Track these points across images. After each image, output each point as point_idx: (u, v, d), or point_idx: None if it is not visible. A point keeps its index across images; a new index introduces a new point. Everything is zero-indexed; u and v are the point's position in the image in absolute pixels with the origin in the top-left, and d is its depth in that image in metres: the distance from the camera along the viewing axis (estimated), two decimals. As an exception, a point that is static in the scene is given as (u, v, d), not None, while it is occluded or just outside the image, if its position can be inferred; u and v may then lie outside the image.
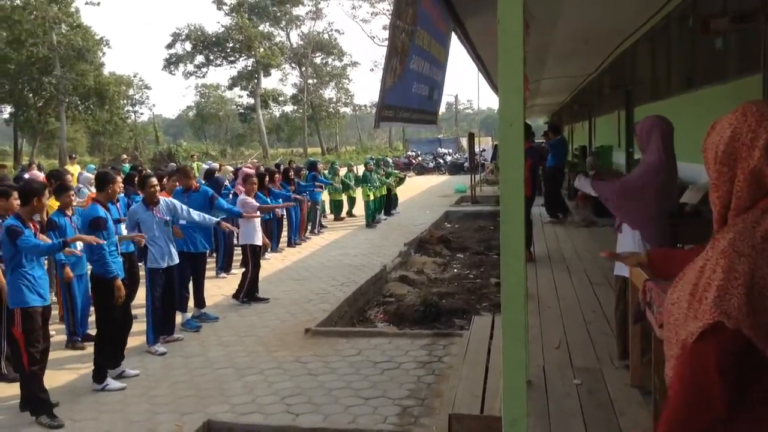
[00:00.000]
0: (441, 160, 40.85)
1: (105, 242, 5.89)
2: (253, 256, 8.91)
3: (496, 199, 20.97)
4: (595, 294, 7.14)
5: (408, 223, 16.85)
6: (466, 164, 30.94)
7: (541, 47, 11.32)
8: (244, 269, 9.04)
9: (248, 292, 8.91)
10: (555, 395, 4.41)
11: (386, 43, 3.14)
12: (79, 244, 6.25)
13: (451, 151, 45.19)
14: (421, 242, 14.09)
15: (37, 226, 5.63)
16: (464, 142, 37.72)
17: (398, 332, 7.57)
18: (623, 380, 4.53)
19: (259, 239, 9.07)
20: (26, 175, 13.01)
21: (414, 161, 40.44)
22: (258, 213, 9.09)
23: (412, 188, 25.73)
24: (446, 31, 5.58)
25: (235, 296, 8.97)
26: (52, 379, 5.83)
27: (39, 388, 5.29)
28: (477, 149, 26.69)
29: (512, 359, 2.38)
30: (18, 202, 6.00)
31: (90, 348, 6.57)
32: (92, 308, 6.87)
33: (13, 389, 6.00)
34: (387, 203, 18.47)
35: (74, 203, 7.50)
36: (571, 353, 5.27)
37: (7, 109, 48.79)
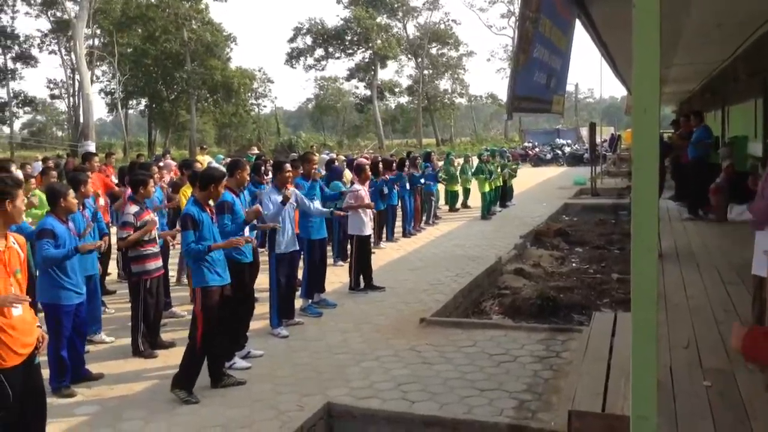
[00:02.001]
0: (559, 151, 39.72)
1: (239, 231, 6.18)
2: (359, 247, 9.05)
3: (618, 191, 20.34)
4: (727, 293, 6.72)
5: (524, 215, 16.56)
6: (586, 155, 29.99)
7: (671, 33, 10.74)
8: (349, 260, 9.23)
9: (358, 281, 9.08)
10: (683, 396, 4.20)
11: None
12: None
13: (570, 141, 43.84)
14: (538, 235, 13.80)
15: (213, 211, 5.89)
16: (584, 132, 36.57)
17: (514, 325, 7.47)
18: (758, 383, 4.26)
19: (367, 230, 9.22)
20: (161, 164, 13.85)
21: (531, 152, 39.60)
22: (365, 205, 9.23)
23: (528, 180, 25.24)
24: (570, 18, 5.42)
25: (351, 287, 9.17)
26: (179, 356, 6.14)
27: (197, 368, 5.58)
28: (598, 140, 25.75)
29: (642, 357, 2.30)
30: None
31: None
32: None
33: (150, 364, 6.46)
34: (502, 195, 18.23)
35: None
36: (701, 353, 5.01)
37: (143, 102, 52.28)
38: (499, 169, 17.46)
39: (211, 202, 5.94)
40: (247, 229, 6.51)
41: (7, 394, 3.78)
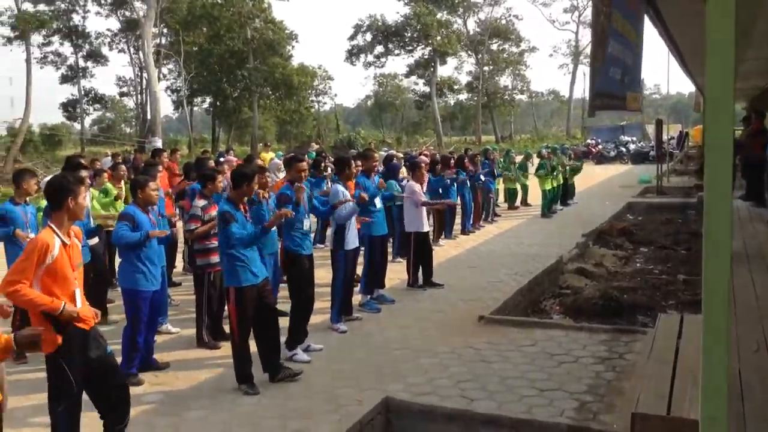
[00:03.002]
0: (623, 149, 38.72)
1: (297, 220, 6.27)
2: (417, 243, 9.05)
3: (686, 190, 19.73)
4: (801, 297, 6.45)
5: (586, 213, 16.25)
6: (652, 153, 29.17)
7: (745, 25, 10.34)
8: (407, 256, 9.25)
9: (416, 278, 9.09)
10: (753, 401, 4.06)
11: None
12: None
13: (634, 138, 42.67)
14: (601, 234, 13.52)
15: (247, 208, 6.00)
16: (650, 129, 35.55)
17: (575, 325, 7.35)
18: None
19: (424, 226, 9.21)
20: (222, 160, 14.16)
21: (593, 149, 38.72)
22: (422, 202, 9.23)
23: (591, 178, 24.72)
24: (639, 10, 5.29)
25: (409, 283, 9.18)
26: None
27: (244, 361, 5.70)
28: (665, 137, 25.02)
29: (713, 359, 2.23)
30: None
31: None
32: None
33: (214, 354, 6.63)
34: (564, 193, 17.93)
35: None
36: (772, 359, 4.82)
37: (207, 100, 53.48)
38: (559, 167, 17.16)
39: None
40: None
41: (70, 383, 3.96)
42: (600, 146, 39.94)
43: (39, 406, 4.18)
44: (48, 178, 7.29)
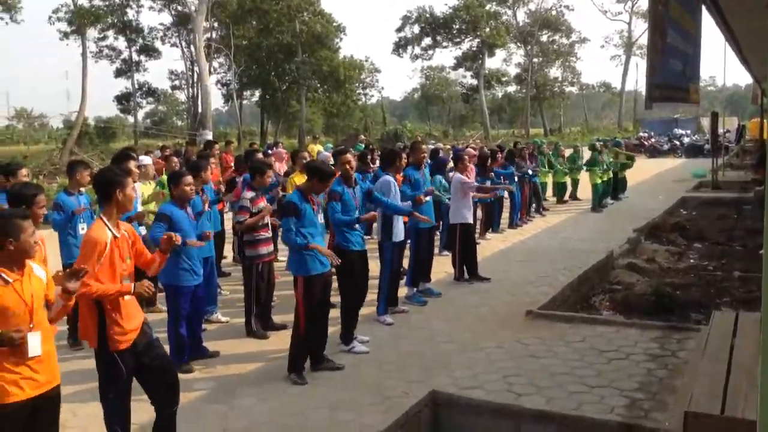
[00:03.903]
0: (677, 142, 37.73)
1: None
2: (463, 235, 8.99)
3: (742, 185, 19.11)
4: None
5: (637, 208, 15.90)
6: (707, 146, 28.36)
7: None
8: (454, 249, 9.21)
9: (463, 271, 9.04)
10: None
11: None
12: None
13: (688, 132, 41.54)
14: (653, 229, 13.21)
15: (315, 200, 6.00)
16: (705, 122, 34.58)
17: (626, 322, 7.20)
18: None
19: (470, 218, 9.15)
20: (270, 152, 14.32)
21: (646, 143, 37.85)
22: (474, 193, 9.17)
23: (643, 171, 24.15)
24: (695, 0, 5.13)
25: (456, 277, 9.15)
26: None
27: (303, 351, 5.77)
28: (720, 130, 24.29)
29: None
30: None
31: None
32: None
33: (263, 344, 6.72)
34: (615, 187, 17.58)
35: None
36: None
37: (256, 93, 54.13)
38: (611, 160, 16.81)
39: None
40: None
41: (121, 371, 4.07)
42: (653, 139, 39.02)
43: (94, 391, 4.29)
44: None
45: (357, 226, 6.42)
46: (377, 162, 11.35)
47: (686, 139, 38.23)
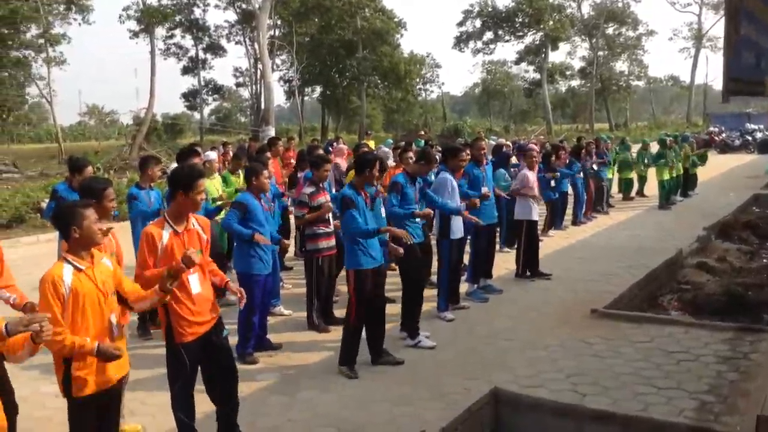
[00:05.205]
0: (749, 137, 36.23)
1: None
2: (529, 232, 8.87)
3: (820, 181, 18.22)
4: None
5: (708, 205, 15.38)
6: (782, 142, 27.13)
7: None
8: (517, 245, 9.09)
9: (528, 268, 8.92)
10: None
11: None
12: None
13: (762, 126, 39.84)
14: (724, 227, 12.71)
15: (368, 194, 6.02)
16: (780, 116, 33.09)
17: (696, 322, 6.97)
18: None
19: (535, 215, 9.03)
20: (330, 149, 14.42)
21: (716, 138, 36.50)
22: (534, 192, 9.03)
23: (713, 168, 23.33)
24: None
25: (518, 274, 9.04)
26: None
27: (354, 344, 5.82)
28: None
29: None
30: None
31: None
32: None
33: (324, 338, 6.79)
34: (685, 183, 17.03)
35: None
36: None
37: (317, 89, 54.71)
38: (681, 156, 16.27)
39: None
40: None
41: (185, 363, 4.16)
42: (723, 134, 37.60)
43: (164, 380, 4.43)
44: (174, 165, 7.72)
45: (417, 219, 6.43)
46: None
47: (759, 135, 36.65)
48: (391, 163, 10.61)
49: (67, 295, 3.39)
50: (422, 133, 27.87)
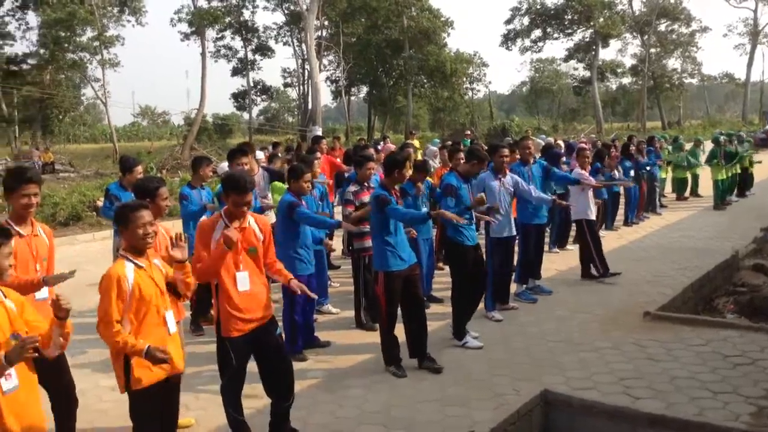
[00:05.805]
0: (808, 135, 34.95)
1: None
2: (590, 230, 8.74)
3: None
4: None
5: (764, 206, 14.90)
6: None
7: None
8: (579, 245, 8.95)
9: (591, 267, 8.77)
10: None
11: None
12: None
13: (822, 124, 38.47)
14: (783, 228, 12.34)
15: (398, 194, 6.06)
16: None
17: (753, 326, 6.77)
18: None
19: (592, 213, 8.88)
20: (378, 147, 14.47)
21: (774, 137, 35.31)
22: (594, 182, 8.88)
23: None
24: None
25: (584, 275, 8.86)
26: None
27: (392, 343, 5.83)
28: None
29: None
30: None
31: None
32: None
33: (372, 336, 6.80)
34: (741, 183, 16.54)
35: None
36: None
37: (364, 89, 54.91)
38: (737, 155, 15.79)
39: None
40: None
41: (231, 358, 4.24)
42: (781, 133, 36.35)
43: (215, 374, 4.52)
44: (224, 164, 7.85)
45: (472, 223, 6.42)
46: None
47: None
48: (437, 162, 10.58)
49: (130, 291, 3.50)
50: (468, 132, 27.73)
